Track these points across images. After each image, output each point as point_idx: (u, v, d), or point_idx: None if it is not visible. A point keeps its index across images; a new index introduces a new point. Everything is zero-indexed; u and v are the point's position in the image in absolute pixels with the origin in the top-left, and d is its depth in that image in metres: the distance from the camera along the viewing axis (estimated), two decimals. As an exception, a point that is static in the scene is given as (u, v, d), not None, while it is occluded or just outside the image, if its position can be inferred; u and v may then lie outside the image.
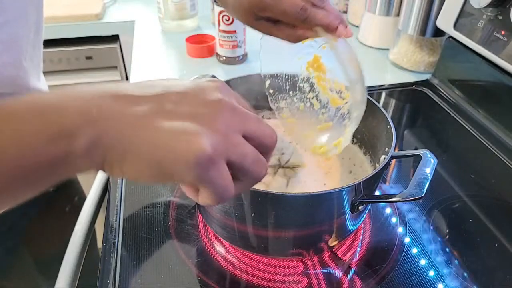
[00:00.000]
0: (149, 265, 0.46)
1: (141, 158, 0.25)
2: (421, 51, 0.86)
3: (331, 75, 0.51)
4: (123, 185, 0.57)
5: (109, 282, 0.44)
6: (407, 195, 0.40)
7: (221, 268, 0.46)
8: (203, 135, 0.25)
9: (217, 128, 0.26)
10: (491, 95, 0.72)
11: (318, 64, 0.51)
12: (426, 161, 0.43)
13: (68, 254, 0.51)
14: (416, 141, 0.70)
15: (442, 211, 0.54)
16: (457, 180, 0.59)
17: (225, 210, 0.42)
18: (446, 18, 0.77)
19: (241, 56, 0.90)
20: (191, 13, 1.04)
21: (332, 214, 0.42)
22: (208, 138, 0.25)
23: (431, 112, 0.77)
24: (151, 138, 0.25)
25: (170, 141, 0.25)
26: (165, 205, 0.54)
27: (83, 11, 1.13)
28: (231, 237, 0.46)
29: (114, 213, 0.52)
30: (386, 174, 0.61)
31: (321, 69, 0.51)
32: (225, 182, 0.27)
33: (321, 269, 0.46)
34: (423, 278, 0.45)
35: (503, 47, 0.65)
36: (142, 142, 0.25)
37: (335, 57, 0.44)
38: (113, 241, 0.48)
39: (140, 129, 0.25)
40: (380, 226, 0.52)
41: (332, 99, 0.52)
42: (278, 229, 0.42)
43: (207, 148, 0.25)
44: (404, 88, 0.83)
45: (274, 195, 0.37)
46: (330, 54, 0.45)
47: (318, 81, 0.52)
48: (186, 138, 0.25)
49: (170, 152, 0.25)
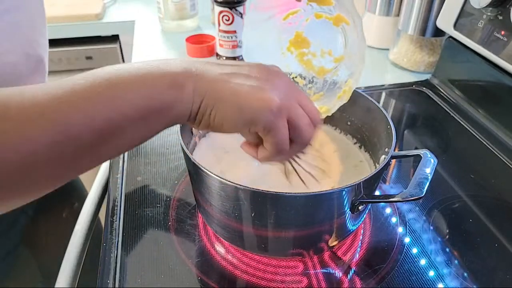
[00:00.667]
0: (149, 265, 0.46)
1: (227, 104, 0.32)
2: (421, 51, 0.86)
3: (315, 47, 0.52)
4: (123, 185, 0.57)
5: (109, 282, 0.44)
6: (407, 195, 0.40)
7: (221, 268, 0.46)
8: (273, 92, 0.33)
9: (282, 90, 0.34)
10: (491, 95, 0.72)
11: (302, 38, 0.51)
12: (426, 161, 0.43)
13: (68, 254, 0.51)
14: (416, 141, 0.70)
15: (442, 211, 0.54)
16: (457, 180, 0.59)
17: (225, 210, 0.42)
18: (446, 18, 0.77)
19: (241, 56, 0.90)
20: (191, 13, 1.04)
21: (332, 214, 0.42)
22: (277, 95, 0.33)
23: (431, 112, 0.77)
24: (235, 89, 0.32)
25: (249, 93, 0.32)
26: (165, 205, 0.54)
27: (83, 11, 1.13)
28: (231, 237, 0.46)
29: (114, 213, 0.52)
30: (386, 174, 0.61)
31: (304, 43, 0.52)
32: (286, 135, 0.34)
33: (321, 269, 0.46)
34: (423, 278, 0.45)
35: (503, 47, 0.65)
36: (228, 92, 0.32)
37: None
38: (113, 241, 0.48)
39: (227, 83, 0.33)
40: (380, 226, 0.52)
41: (318, 70, 0.52)
42: (278, 229, 0.42)
43: (277, 101, 0.33)
44: (404, 88, 0.83)
45: (274, 195, 0.37)
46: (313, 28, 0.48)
47: (301, 58, 0.52)
48: (261, 92, 0.33)
49: (250, 101, 0.32)
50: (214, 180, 0.39)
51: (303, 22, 0.51)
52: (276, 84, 0.34)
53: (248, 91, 0.32)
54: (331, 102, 0.50)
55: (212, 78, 0.33)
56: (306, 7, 0.50)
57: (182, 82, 0.31)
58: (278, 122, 0.33)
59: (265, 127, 0.33)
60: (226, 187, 0.39)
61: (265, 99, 0.32)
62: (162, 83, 0.31)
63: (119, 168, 0.59)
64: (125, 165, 0.60)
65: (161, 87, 0.31)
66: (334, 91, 0.51)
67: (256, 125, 0.33)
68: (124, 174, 0.58)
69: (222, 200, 0.41)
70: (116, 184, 0.56)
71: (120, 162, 0.61)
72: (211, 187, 0.41)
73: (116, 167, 0.60)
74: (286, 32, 0.52)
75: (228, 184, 0.38)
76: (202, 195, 0.44)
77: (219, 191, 0.40)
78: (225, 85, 0.32)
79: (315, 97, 0.52)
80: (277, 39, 0.52)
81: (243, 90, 0.32)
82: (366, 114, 0.52)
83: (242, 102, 0.32)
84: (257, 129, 0.34)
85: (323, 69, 0.52)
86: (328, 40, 0.51)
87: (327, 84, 0.52)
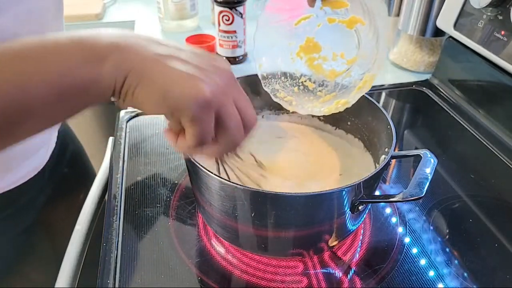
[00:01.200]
0: (149, 265, 0.46)
1: (153, 85, 0.30)
2: (421, 51, 0.86)
3: (326, 51, 0.52)
4: (123, 185, 0.57)
5: (109, 282, 0.44)
6: (407, 195, 0.40)
7: (221, 268, 0.46)
8: (207, 83, 0.30)
9: (218, 84, 0.32)
10: (491, 95, 0.72)
11: (313, 43, 0.51)
12: (426, 161, 0.43)
13: (68, 254, 0.51)
14: (416, 141, 0.70)
15: (442, 211, 0.54)
16: (457, 180, 0.59)
17: (225, 210, 0.42)
18: (446, 18, 0.76)
19: (241, 56, 0.90)
20: (191, 13, 1.04)
21: (332, 214, 0.42)
22: (209, 87, 0.30)
23: (431, 112, 0.77)
24: (165, 71, 0.30)
25: (180, 79, 0.30)
26: (165, 205, 0.54)
27: (83, 11, 1.13)
28: (231, 237, 0.46)
29: (114, 213, 0.52)
30: (386, 174, 0.61)
31: (316, 48, 0.52)
32: (209, 129, 0.32)
33: (321, 269, 0.46)
34: (423, 278, 0.45)
35: (503, 47, 0.65)
36: (156, 73, 0.30)
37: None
38: (113, 241, 0.48)
39: (157, 63, 0.30)
40: (380, 226, 0.52)
41: (329, 73, 0.52)
42: (278, 229, 0.42)
43: (207, 93, 0.30)
44: (404, 88, 0.83)
45: (274, 195, 0.37)
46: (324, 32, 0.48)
47: (311, 63, 0.52)
48: (193, 80, 0.30)
49: (177, 87, 0.30)
50: (214, 180, 0.39)
51: (314, 28, 0.51)
52: (213, 76, 0.32)
53: (179, 76, 0.30)
54: (349, 94, 0.50)
55: (142, 55, 0.30)
56: (319, 12, 0.50)
57: (104, 56, 0.29)
58: (202, 115, 0.31)
59: (187, 117, 0.31)
60: (226, 187, 0.39)
61: (194, 88, 0.30)
62: (78, 56, 0.28)
63: (119, 168, 0.59)
64: (125, 165, 0.60)
65: (76, 61, 0.28)
66: (349, 90, 0.51)
67: (179, 114, 0.31)
68: (124, 174, 0.58)
69: (222, 200, 0.41)
70: (116, 184, 0.56)
71: (120, 162, 0.61)
72: (211, 187, 0.41)
73: (116, 167, 0.60)
74: (297, 37, 0.52)
75: (228, 184, 0.38)
76: (202, 195, 0.44)
77: (219, 191, 0.40)
78: (155, 65, 0.30)
79: (328, 98, 0.52)
80: (286, 44, 0.52)
81: (173, 74, 0.30)
82: (366, 114, 0.52)
83: (168, 86, 0.30)
84: (180, 117, 0.31)
85: (334, 71, 0.52)
86: (340, 43, 0.51)
87: (339, 85, 0.52)
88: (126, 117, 0.69)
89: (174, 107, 0.31)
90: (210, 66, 0.32)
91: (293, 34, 0.52)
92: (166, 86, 0.30)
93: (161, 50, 0.31)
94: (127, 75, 0.29)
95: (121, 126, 0.67)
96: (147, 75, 0.30)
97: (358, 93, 0.48)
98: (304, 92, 0.54)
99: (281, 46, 0.52)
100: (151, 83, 0.30)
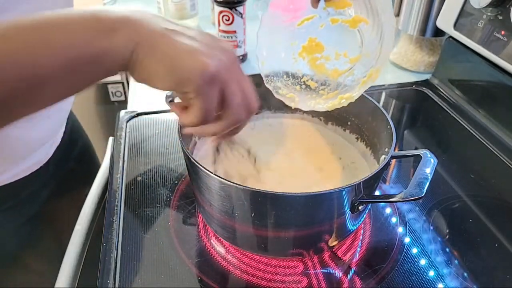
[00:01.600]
0: (149, 265, 0.46)
1: (161, 58, 0.31)
2: (421, 51, 0.86)
3: (329, 51, 0.52)
4: (123, 185, 0.57)
5: (109, 282, 0.44)
6: (407, 195, 0.39)
7: (221, 268, 0.46)
8: (213, 59, 0.32)
9: (223, 61, 0.33)
10: (491, 95, 0.72)
11: (316, 43, 0.52)
12: (426, 161, 0.43)
13: (68, 254, 0.51)
14: (416, 141, 0.70)
15: (442, 211, 0.54)
16: (457, 180, 0.59)
17: (225, 210, 0.42)
18: (446, 18, 0.76)
19: (241, 56, 0.90)
20: (191, 13, 1.04)
21: (332, 214, 0.42)
22: (214, 62, 0.32)
23: (431, 112, 0.77)
24: (173, 45, 0.31)
25: (187, 53, 0.31)
26: (165, 205, 0.54)
27: (83, 11, 1.12)
28: (231, 237, 0.46)
29: (114, 213, 0.52)
30: (386, 174, 0.61)
31: (318, 48, 0.52)
32: (213, 104, 0.33)
33: (321, 269, 0.46)
34: (423, 278, 0.45)
35: (503, 47, 0.65)
36: (165, 46, 0.31)
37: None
38: (113, 241, 0.48)
39: (166, 37, 0.31)
40: (380, 226, 0.52)
41: (332, 72, 0.52)
42: (278, 229, 0.42)
43: (212, 67, 0.31)
44: (404, 88, 0.83)
45: (274, 195, 0.37)
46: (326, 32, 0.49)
47: (313, 63, 0.53)
48: (200, 55, 0.31)
49: (184, 60, 0.31)
50: (214, 180, 0.39)
51: (317, 28, 0.51)
52: (218, 54, 0.33)
53: (187, 50, 0.31)
54: (353, 89, 0.50)
55: (152, 28, 0.31)
56: (322, 12, 0.50)
57: (116, 27, 0.30)
58: (208, 89, 0.32)
59: (194, 90, 0.32)
60: (226, 187, 0.39)
61: (202, 62, 0.31)
62: (92, 28, 0.29)
63: (119, 168, 0.59)
64: (125, 165, 0.60)
65: (89, 32, 0.29)
66: (351, 87, 0.51)
67: (186, 86, 0.32)
68: (124, 174, 0.58)
69: (222, 200, 0.41)
70: (116, 184, 0.56)
71: (120, 162, 0.61)
72: (211, 187, 0.41)
73: (116, 167, 0.60)
74: (299, 37, 0.52)
75: (228, 184, 0.38)
76: (202, 195, 0.44)
77: (219, 191, 0.40)
78: (164, 39, 0.31)
79: (330, 95, 0.52)
80: (289, 44, 0.52)
81: (181, 48, 0.31)
82: (366, 114, 0.52)
83: (177, 60, 0.31)
84: (187, 90, 0.32)
85: (337, 70, 0.52)
86: (343, 42, 0.51)
87: (341, 84, 0.52)
88: (126, 117, 0.69)
89: (181, 80, 0.31)
90: (216, 45, 0.33)
91: (296, 35, 0.52)
92: (174, 59, 0.31)
93: (170, 26, 0.32)
94: (136, 47, 0.30)
95: (121, 126, 0.67)
96: (155, 48, 0.31)
97: (362, 87, 0.48)
98: (306, 91, 0.54)
99: (283, 46, 0.53)
100: (159, 55, 0.31)
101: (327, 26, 0.51)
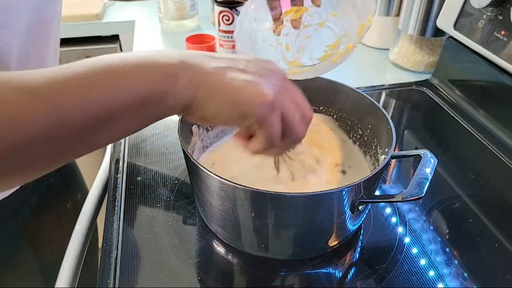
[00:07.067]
0: (149, 265, 0.46)
1: (222, 97, 0.33)
2: (421, 51, 0.86)
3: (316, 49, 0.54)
4: (123, 185, 0.57)
5: (109, 282, 0.44)
6: (407, 195, 0.40)
7: (221, 268, 0.46)
8: (268, 87, 0.33)
9: (277, 86, 0.35)
10: (491, 95, 0.72)
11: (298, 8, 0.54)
12: (426, 161, 0.43)
13: (68, 254, 0.51)
14: (416, 141, 0.70)
15: (442, 211, 0.54)
16: (457, 180, 0.59)
17: (225, 210, 0.42)
18: (446, 18, 0.76)
19: (241, 56, 0.89)
20: (191, 13, 1.04)
21: (332, 214, 0.42)
22: (270, 90, 0.33)
23: (431, 112, 0.77)
24: (230, 83, 0.33)
25: (244, 87, 0.33)
26: (165, 205, 0.54)
27: (83, 11, 1.13)
28: (231, 237, 0.46)
29: (114, 213, 0.52)
30: (386, 174, 0.61)
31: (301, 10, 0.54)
32: (278, 128, 0.35)
33: (321, 269, 0.46)
34: (423, 278, 0.45)
35: (503, 47, 0.65)
36: (223, 85, 0.33)
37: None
38: (113, 241, 0.48)
39: (222, 76, 0.33)
40: (380, 226, 0.52)
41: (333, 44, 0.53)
42: (278, 229, 0.42)
43: (270, 95, 0.33)
44: (404, 88, 0.83)
45: (274, 195, 0.37)
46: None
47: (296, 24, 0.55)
48: (256, 86, 0.33)
49: (243, 94, 0.33)
50: (214, 180, 0.39)
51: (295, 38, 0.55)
52: (271, 79, 0.35)
53: (243, 85, 0.33)
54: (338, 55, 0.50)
55: (207, 71, 0.33)
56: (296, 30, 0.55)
57: (177, 73, 0.32)
58: (271, 116, 0.34)
59: (258, 121, 0.34)
60: (226, 187, 0.39)
61: (259, 93, 0.33)
62: (157, 74, 0.31)
63: (119, 168, 0.59)
64: (125, 165, 0.60)
65: (156, 77, 0.31)
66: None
67: (249, 118, 0.33)
68: (124, 174, 0.58)
69: (222, 200, 0.41)
70: (116, 184, 0.56)
71: (120, 162, 0.61)
72: (211, 187, 0.41)
73: (116, 167, 0.60)
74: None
75: (228, 184, 0.38)
76: (202, 195, 0.44)
77: (219, 191, 0.40)
78: (220, 78, 0.33)
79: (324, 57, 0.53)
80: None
81: (238, 84, 0.33)
82: (366, 114, 0.52)
83: (236, 96, 0.33)
84: (250, 122, 0.34)
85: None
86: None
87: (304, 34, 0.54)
88: (126, 117, 0.69)
89: (244, 114, 0.33)
90: (265, 70, 0.35)
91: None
92: (234, 95, 0.33)
93: (220, 63, 0.34)
94: (198, 91, 0.32)
95: (121, 126, 0.67)
96: (215, 89, 0.33)
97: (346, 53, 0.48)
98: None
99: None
100: (220, 96, 0.33)
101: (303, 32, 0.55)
